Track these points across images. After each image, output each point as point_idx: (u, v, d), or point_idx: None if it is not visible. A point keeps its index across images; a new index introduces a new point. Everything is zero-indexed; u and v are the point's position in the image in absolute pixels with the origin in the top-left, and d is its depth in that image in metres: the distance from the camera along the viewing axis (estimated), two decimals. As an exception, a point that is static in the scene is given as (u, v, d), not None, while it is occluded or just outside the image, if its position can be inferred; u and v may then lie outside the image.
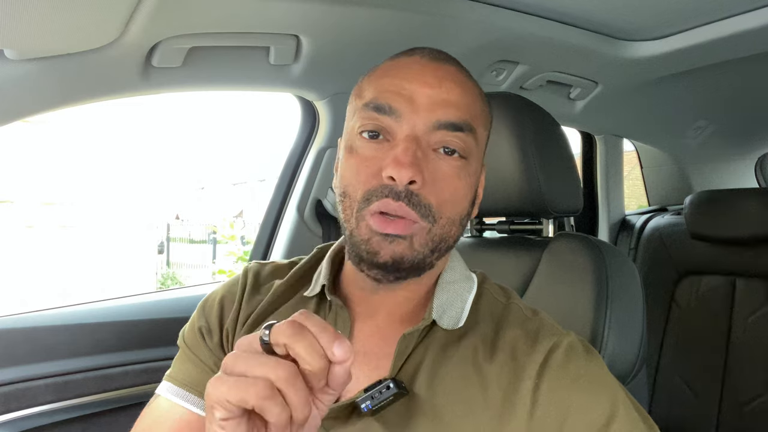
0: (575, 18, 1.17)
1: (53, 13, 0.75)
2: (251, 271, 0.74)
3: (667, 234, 1.79)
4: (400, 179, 0.56)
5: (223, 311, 0.71)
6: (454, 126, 0.59)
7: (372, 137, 0.60)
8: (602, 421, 0.54)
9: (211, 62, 1.02)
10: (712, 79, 1.56)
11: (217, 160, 14.97)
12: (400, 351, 0.60)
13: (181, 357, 0.72)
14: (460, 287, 0.66)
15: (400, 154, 0.56)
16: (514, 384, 0.57)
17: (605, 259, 0.86)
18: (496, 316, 0.64)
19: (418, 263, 0.60)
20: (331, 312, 0.67)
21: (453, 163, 0.60)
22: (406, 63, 0.63)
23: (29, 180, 7.91)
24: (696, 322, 1.66)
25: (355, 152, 0.61)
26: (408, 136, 0.58)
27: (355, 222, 0.60)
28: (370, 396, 0.56)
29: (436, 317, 0.62)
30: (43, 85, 0.89)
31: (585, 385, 0.56)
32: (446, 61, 0.64)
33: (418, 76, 0.60)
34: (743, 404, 1.54)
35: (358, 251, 0.60)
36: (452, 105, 0.59)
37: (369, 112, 0.60)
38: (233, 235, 4.76)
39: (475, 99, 0.63)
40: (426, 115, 0.59)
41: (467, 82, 0.63)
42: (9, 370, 1.00)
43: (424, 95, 0.59)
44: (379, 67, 0.65)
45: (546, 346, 0.59)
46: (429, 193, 0.58)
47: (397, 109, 0.59)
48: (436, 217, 0.59)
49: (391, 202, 0.57)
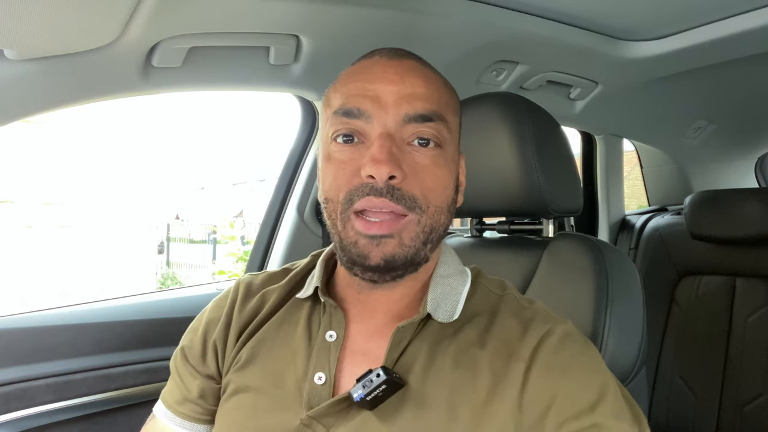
0: (575, 18, 1.17)
1: (53, 13, 0.75)
2: (243, 284, 0.76)
3: (667, 234, 1.79)
4: (379, 176, 0.57)
5: (209, 326, 0.73)
6: (423, 117, 0.60)
7: (347, 141, 0.61)
8: (587, 405, 0.55)
9: (211, 62, 1.02)
10: (712, 79, 1.56)
11: (217, 160, 14.97)
12: (394, 343, 0.61)
13: (172, 377, 0.75)
14: (455, 281, 0.66)
15: (375, 152, 0.58)
16: (506, 365, 0.58)
17: (605, 259, 0.86)
18: (491, 307, 0.65)
19: (411, 258, 0.60)
20: (326, 313, 0.67)
21: (429, 152, 0.61)
22: (368, 65, 0.64)
23: (29, 180, 7.90)
24: (696, 322, 1.66)
25: (332, 158, 0.62)
26: (381, 134, 0.59)
27: (342, 224, 0.60)
28: (361, 385, 0.57)
29: (430, 311, 0.62)
30: (43, 85, 0.89)
31: (576, 372, 0.57)
32: (406, 57, 0.65)
33: (380, 75, 0.62)
34: (743, 404, 1.54)
35: (349, 256, 0.60)
36: (418, 98, 0.61)
37: (339, 117, 0.61)
38: (233, 235, 4.76)
39: (440, 88, 0.64)
40: (394, 111, 0.60)
41: (429, 73, 0.64)
42: (9, 370, 1.00)
43: (389, 92, 0.60)
44: (342, 74, 0.66)
45: (540, 331, 0.60)
46: (411, 185, 0.59)
47: (366, 110, 0.60)
48: (423, 207, 0.60)
49: (373, 199, 0.58)
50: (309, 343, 0.66)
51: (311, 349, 0.65)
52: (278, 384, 0.64)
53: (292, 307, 0.70)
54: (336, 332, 0.65)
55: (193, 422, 0.72)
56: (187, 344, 0.74)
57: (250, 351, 0.68)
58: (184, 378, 0.73)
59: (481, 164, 0.92)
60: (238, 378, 0.67)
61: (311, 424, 0.60)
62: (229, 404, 0.67)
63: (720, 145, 2.09)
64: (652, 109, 1.73)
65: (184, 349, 0.74)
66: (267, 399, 0.64)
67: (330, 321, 0.66)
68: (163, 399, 0.75)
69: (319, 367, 0.63)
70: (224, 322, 0.72)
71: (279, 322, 0.70)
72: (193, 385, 0.72)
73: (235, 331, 0.71)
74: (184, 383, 0.73)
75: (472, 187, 0.95)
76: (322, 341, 0.65)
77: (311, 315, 0.68)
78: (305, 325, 0.67)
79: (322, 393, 0.62)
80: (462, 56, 1.19)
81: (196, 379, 0.72)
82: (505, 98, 0.94)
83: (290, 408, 0.62)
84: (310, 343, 0.66)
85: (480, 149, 0.92)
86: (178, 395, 0.73)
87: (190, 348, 0.73)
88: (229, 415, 0.67)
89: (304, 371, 0.64)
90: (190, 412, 0.72)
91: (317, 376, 0.63)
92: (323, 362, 0.63)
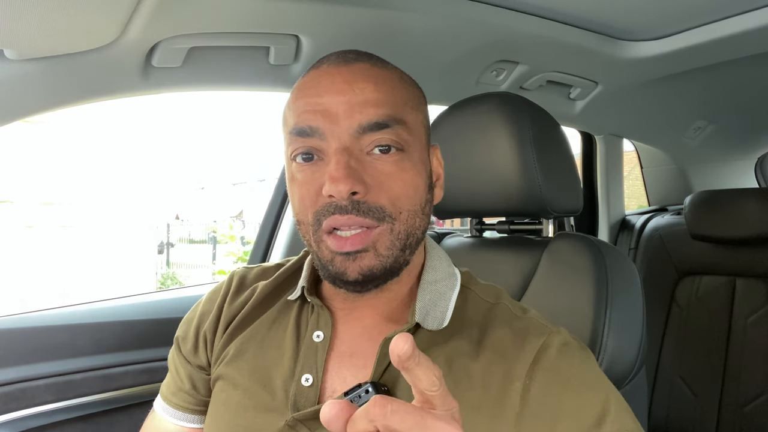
0: (575, 18, 1.17)
1: (53, 13, 0.75)
2: (236, 276, 0.76)
3: (667, 234, 1.79)
4: (339, 194, 0.56)
5: (202, 318, 0.74)
6: (378, 125, 0.58)
7: (306, 160, 0.59)
8: (592, 422, 0.53)
9: (211, 62, 1.02)
10: (712, 79, 1.56)
11: (217, 160, 14.96)
12: (381, 354, 0.59)
13: (169, 370, 0.76)
14: (443, 286, 0.65)
15: (332, 170, 0.56)
16: (503, 384, 0.57)
17: (605, 259, 0.86)
18: (482, 316, 0.64)
19: (390, 267, 0.59)
20: (313, 313, 0.67)
21: (391, 158, 0.58)
22: (315, 76, 0.61)
23: (29, 180, 7.90)
24: (696, 322, 1.66)
25: (295, 179, 0.61)
26: (337, 149, 0.57)
27: (316, 245, 0.60)
28: (348, 400, 0.56)
29: (419, 319, 0.61)
30: (43, 85, 0.89)
31: (576, 386, 0.56)
32: (354, 60, 0.61)
33: (328, 86, 0.59)
34: (743, 404, 1.54)
35: (328, 272, 0.60)
36: (370, 104, 0.58)
37: (294, 137, 0.60)
38: (233, 235, 4.77)
39: (394, 87, 0.61)
40: (347, 123, 0.57)
41: (382, 74, 0.61)
42: (9, 370, 1.00)
43: (339, 103, 0.58)
44: (294, 89, 0.63)
45: (536, 345, 0.59)
46: (376, 196, 0.57)
47: (318, 127, 0.58)
48: (393, 215, 0.58)
49: (339, 218, 0.56)
50: (297, 343, 0.66)
51: (299, 349, 0.65)
52: (266, 383, 0.64)
53: (284, 307, 0.70)
54: (323, 332, 0.64)
55: (186, 412, 0.73)
56: (181, 335, 0.75)
57: (239, 346, 0.68)
58: (178, 369, 0.74)
59: (481, 164, 0.92)
60: (226, 372, 0.68)
61: (296, 426, 0.60)
62: (218, 398, 0.68)
63: (720, 145, 2.09)
64: (652, 109, 1.73)
65: (179, 339, 0.75)
66: (254, 398, 0.64)
67: (318, 321, 0.66)
68: (161, 392, 0.76)
69: (306, 368, 0.63)
70: (215, 314, 0.72)
71: (271, 321, 0.70)
72: (185, 375, 0.73)
73: (224, 323, 0.71)
74: (178, 374, 0.74)
75: (472, 187, 0.95)
76: (309, 341, 0.65)
77: (300, 315, 0.68)
78: (294, 324, 0.67)
79: (309, 395, 0.61)
80: (462, 56, 1.19)
81: (188, 369, 0.73)
82: (505, 98, 0.94)
83: (276, 409, 0.62)
84: (298, 343, 0.66)
85: (480, 149, 0.92)
86: (173, 386, 0.74)
87: (184, 339, 0.74)
88: (218, 410, 0.67)
89: (291, 372, 0.64)
90: (183, 402, 0.73)
91: (304, 377, 0.62)
92: (310, 363, 0.63)
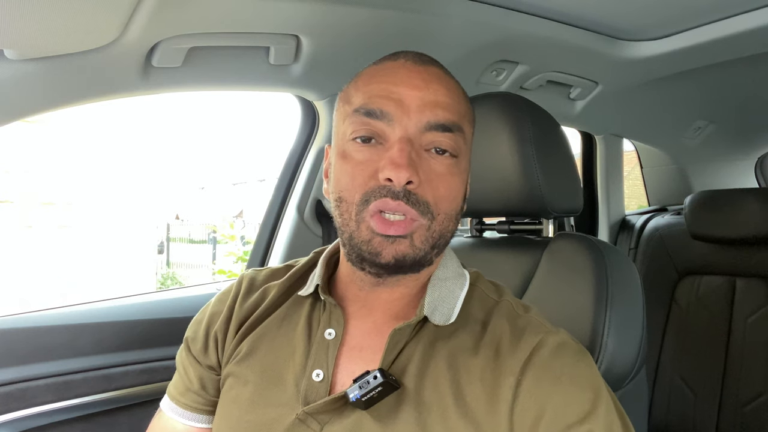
0: (575, 18, 1.17)
1: (53, 13, 0.75)
2: (246, 278, 0.77)
3: (667, 234, 1.79)
4: (398, 180, 0.58)
5: (212, 318, 0.74)
6: (443, 127, 0.61)
7: (365, 141, 0.61)
8: (576, 419, 0.54)
9: (211, 62, 1.02)
10: (712, 79, 1.56)
11: (217, 160, 14.97)
12: (390, 344, 0.61)
13: (177, 370, 0.77)
14: (452, 284, 0.67)
15: (396, 156, 0.58)
16: (498, 379, 0.58)
17: (605, 259, 0.86)
18: (486, 312, 0.65)
19: (419, 260, 0.61)
20: (326, 311, 0.68)
21: (445, 161, 0.61)
22: (393, 67, 0.64)
23: (28, 180, 7.90)
24: (696, 322, 1.66)
25: (349, 157, 0.62)
26: (401, 138, 0.59)
27: (355, 225, 0.61)
28: (357, 386, 0.58)
29: (427, 313, 0.63)
30: (43, 85, 0.89)
31: (566, 384, 0.57)
32: (431, 63, 0.65)
33: (405, 79, 0.62)
34: (743, 404, 1.54)
35: (359, 252, 0.61)
36: (440, 106, 0.61)
37: (360, 117, 0.61)
38: (233, 235, 4.76)
39: (461, 99, 0.65)
40: (416, 117, 0.60)
41: (452, 83, 0.65)
42: (9, 370, 1.00)
43: (413, 98, 0.60)
44: (365, 72, 0.66)
45: (531, 343, 0.60)
46: (425, 191, 0.60)
47: (389, 112, 0.60)
48: (434, 213, 0.60)
49: (390, 201, 0.58)
50: (308, 340, 0.67)
51: (310, 346, 0.66)
52: (277, 379, 0.65)
53: (294, 305, 0.71)
54: (335, 330, 0.66)
55: (194, 413, 0.74)
56: (191, 335, 0.76)
57: (251, 344, 0.69)
58: (187, 369, 0.74)
59: (481, 164, 0.92)
60: (237, 370, 0.69)
61: (306, 420, 0.61)
62: (228, 396, 0.68)
63: (720, 145, 2.09)
64: (652, 109, 1.73)
65: (188, 340, 0.75)
66: (265, 393, 0.65)
67: (330, 319, 0.67)
68: (168, 392, 0.76)
69: (317, 364, 0.64)
70: (226, 315, 0.73)
71: (281, 318, 0.71)
72: (194, 375, 0.73)
73: (236, 324, 0.72)
74: (187, 374, 0.74)
75: (473, 188, 0.95)
76: (321, 339, 0.66)
77: (312, 312, 0.69)
78: (306, 322, 0.68)
79: (320, 389, 0.63)
80: (462, 56, 1.19)
81: (197, 369, 0.73)
82: (505, 98, 0.94)
83: (287, 403, 0.63)
84: (309, 340, 0.67)
85: (480, 149, 0.92)
86: (181, 386, 0.75)
87: (194, 339, 0.75)
88: (227, 407, 0.68)
89: (303, 367, 0.65)
90: (192, 402, 0.73)
91: (315, 372, 0.63)
92: (321, 359, 0.64)
